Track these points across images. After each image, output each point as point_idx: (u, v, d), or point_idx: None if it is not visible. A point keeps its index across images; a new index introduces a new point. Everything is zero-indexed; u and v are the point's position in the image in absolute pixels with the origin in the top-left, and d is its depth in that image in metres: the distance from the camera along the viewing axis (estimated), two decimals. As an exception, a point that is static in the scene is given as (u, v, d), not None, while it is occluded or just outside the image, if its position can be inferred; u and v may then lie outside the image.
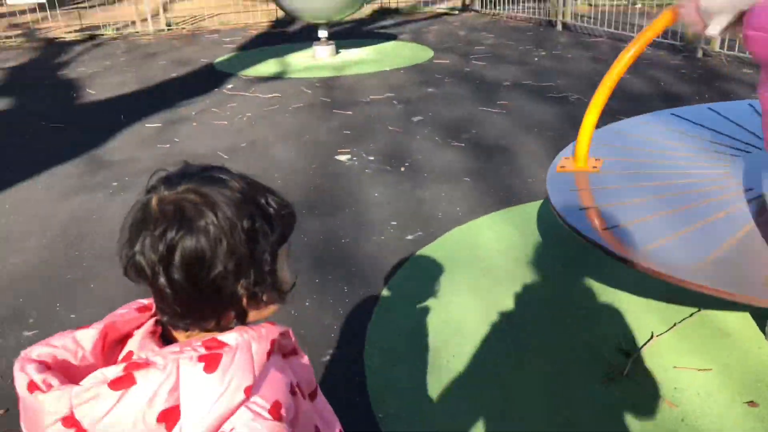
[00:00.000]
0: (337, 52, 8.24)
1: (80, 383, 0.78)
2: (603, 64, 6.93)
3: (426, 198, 3.78)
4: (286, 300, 0.96)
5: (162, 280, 0.83)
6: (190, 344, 0.85)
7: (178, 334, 0.90)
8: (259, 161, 4.51)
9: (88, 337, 0.88)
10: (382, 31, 9.95)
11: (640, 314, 2.58)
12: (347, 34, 9.66)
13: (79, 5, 13.00)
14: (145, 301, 0.95)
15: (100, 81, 7.23)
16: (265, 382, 0.87)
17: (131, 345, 0.90)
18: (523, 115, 5.26)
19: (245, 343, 0.86)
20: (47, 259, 3.31)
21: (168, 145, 4.87)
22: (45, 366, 0.81)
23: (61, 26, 10.76)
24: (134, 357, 0.85)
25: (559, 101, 5.61)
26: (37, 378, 0.79)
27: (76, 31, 10.53)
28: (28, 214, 3.85)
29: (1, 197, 4.11)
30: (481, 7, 11.34)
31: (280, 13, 10.39)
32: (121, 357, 0.89)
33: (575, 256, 2.99)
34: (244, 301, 0.89)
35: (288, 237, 0.95)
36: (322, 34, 8.03)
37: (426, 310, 2.68)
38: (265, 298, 0.91)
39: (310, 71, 7.32)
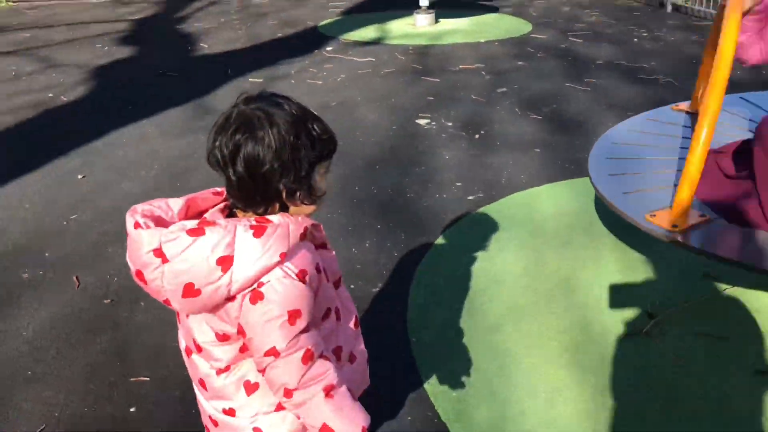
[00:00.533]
0: (437, 21, 8.44)
1: (168, 228, 1.12)
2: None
3: (493, 164, 4.00)
4: (318, 204, 1.26)
5: (229, 169, 1.16)
6: (246, 218, 1.17)
7: (239, 213, 1.23)
8: (345, 119, 4.86)
9: (177, 204, 1.22)
10: (485, 3, 10.01)
11: (676, 286, 2.73)
12: (449, 4, 9.81)
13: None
14: (219, 189, 1.29)
15: (213, 36, 7.81)
16: (296, 254, 1.18)
17: (205, 216, 1.24)
18: (607, 94, 5.31)
19: (285, 223, 1.17)
20: (155, 186, 3.81)
21: (266, 99, 5.31)
22: (145, 216, 1.16)
23: (184, -17, 11.50)
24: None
25: (648, 83, 5.59)
26: (141, 220, 1.14)
27: (197, -12, 11.24)
28: (141, 148, 4.40)
29: (119, 132, 4.69)
30: (591, -17, 11.09)
31: (387, -19, 10.63)
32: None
33: (626, 228, 3.14)
34: (284, 195, 1.20)
35: (326, 157, 1.24)
36: (423, 2, 8.25)
37: (472, 260, 2.94)
38: (299, 196, 1.21)
39: (407, 38, 7.58)
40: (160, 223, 1.16)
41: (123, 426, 2.10)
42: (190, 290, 1.11)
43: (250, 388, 1.27)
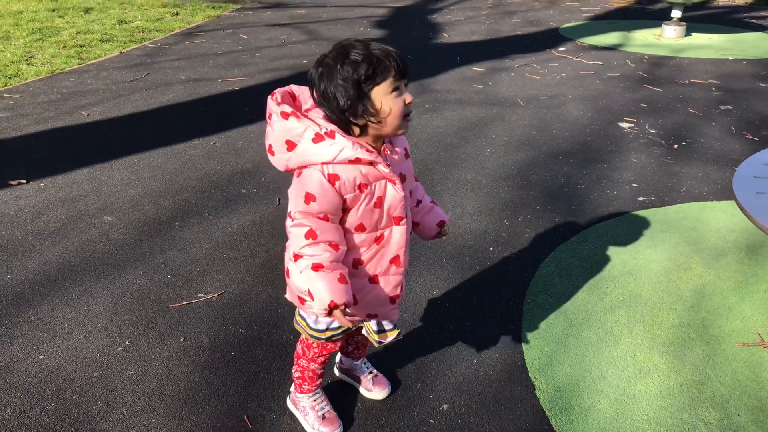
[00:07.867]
0: (687, 35, 8.06)
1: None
2: None
3: (680, 173, 3.94)
4: (386, 124, 1.52)
5: (314, 92, 1.55)
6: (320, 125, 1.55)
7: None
8: (547, 112, 5.06)
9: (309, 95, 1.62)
10: (755, 21, 9.25)
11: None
12: (711, 19, 9.24)
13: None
14: None
15: (457, 28, 8.35)
16: (340, 166, 1.53)
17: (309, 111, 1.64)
18: None
19: (341, 145, 1.50)
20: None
21: (480, 86, 5.69)
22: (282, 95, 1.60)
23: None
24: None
25: None
26: (278, 96, 1.58)
27: (458, -16, 11.92)
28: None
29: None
30: None
31: (647, -10, 10.30)
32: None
33: (794, 253, 2.99)
34: (349, 116, 1.50)
35: (376, 76, 1.45)
36: (675, 14, 7.93)
37: (615, 251, 3.04)
38: (361, 114, 1.49)
39: (646, 48, 7.39)
40: (293, 103, 1.63)
41: (275, 303, 2.66)
42: (269, 150, 1.58)
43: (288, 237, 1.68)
